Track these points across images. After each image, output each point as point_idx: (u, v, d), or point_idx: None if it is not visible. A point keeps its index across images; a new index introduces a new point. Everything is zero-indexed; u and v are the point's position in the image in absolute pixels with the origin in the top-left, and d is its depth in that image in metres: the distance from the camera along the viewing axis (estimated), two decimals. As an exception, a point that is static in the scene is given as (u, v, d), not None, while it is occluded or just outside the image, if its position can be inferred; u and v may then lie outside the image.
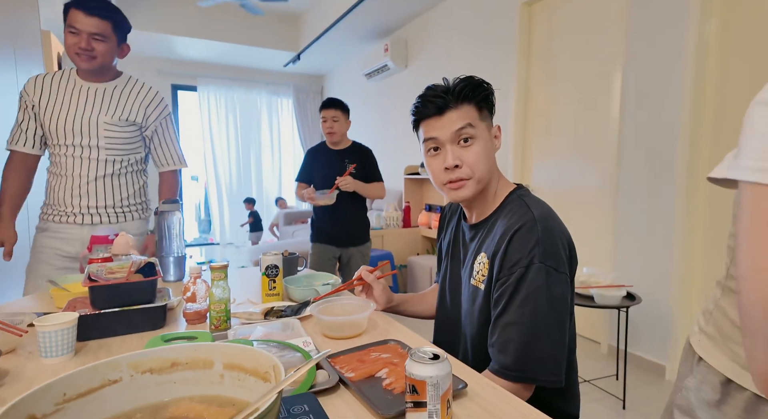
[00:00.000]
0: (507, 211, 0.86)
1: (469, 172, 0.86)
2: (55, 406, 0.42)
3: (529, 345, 0.76)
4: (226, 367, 0.50)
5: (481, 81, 0.87)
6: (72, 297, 0.99)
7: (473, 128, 0.85)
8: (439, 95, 0.86)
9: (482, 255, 0.87)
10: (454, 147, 0.86)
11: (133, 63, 4.91)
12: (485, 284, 0.84)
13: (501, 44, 2.96)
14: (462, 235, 0.99)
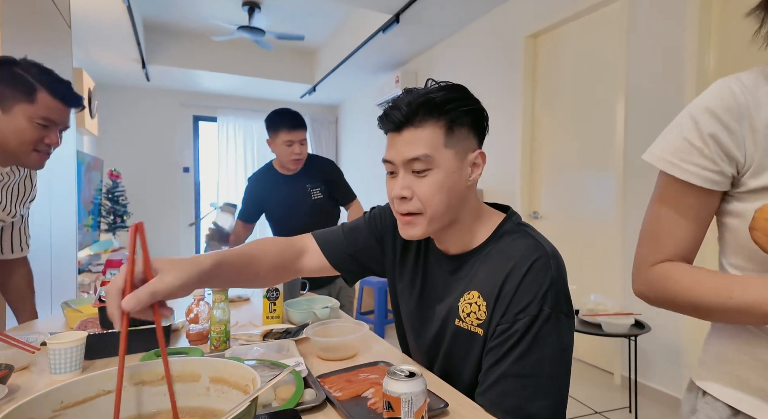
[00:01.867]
0: (506, 243, 0.73)
1: (420, 207, 0.71)
2: (53, 412, 0.46)
3: (531, 401, 0.66)
4: (212, 381, 0.54)
5: (457, 94, 0.71)
6: (83, 318, 1.05)
7: (431, 158, 0.69)
8: (400, 108, 0.70)
9: (473, 294, 0.73)
10: (407, 175, 0.71)
11: (158, 96, 5.19)
12: (484, 328, 0.71)
13: (507, 74, 3.05)
14: (436, 263, 0.83)
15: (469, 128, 0.73)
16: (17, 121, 0.97)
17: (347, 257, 0.89)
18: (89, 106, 3.76)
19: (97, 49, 3.84)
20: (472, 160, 0.73)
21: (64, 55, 2.12)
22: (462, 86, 0.74)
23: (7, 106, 0.96)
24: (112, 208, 4.25)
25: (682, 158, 0.55)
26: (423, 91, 0.71)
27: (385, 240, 0.90)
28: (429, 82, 0.74)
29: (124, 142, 5.04)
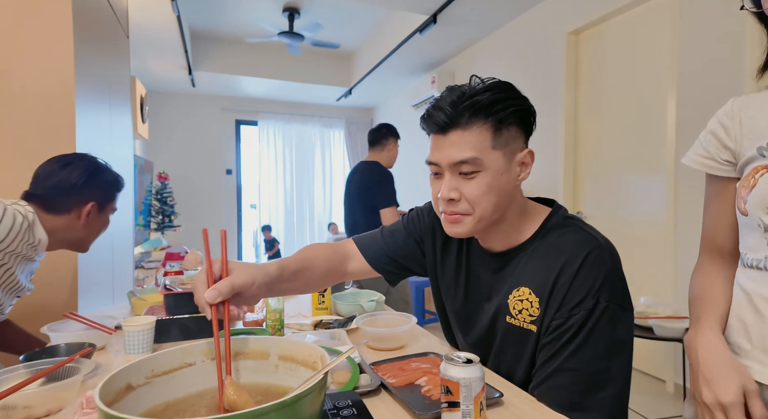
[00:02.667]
0: (554, 237, 0.72)
1: (468, 208, 0.71)
2: (146, 379, 0.51)
3: (587, 395, 0.65)
4: (281, 358, 0.57)
5: (504, 94, 0.69)
6: (149, 305, 1.13)
7: (479, 160, 0.68)
8: (444, 109, 0.69)
9: (523, 290, 0.72)
10: (454, 176, 0.70)
11: (202, 101, 5.44)
12: (537, 324, 0.70)
13: (548, 72, 2.98)
14: (479, 261, 0.82)
15: (517, 127, 0.71)
16: (105, 218, 1.11)
17: (387, 259, 0.91)
18: (141, 111, 4.00)
19: (148, 58, 4.07)
20: (521, 159, 0.72)
21: (122, 65, 2.28)
22: (509, 84, 0.72)
23: (105, 208, 1.10)
24: (160, 209, 4.49)
25: (691, 151, 0.73)
26: (469, 92, 0.69)
27: (425, 241, 0.91)
28: (473, 79, 0.72)
29: (171, 146, 5.31)
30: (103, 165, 1.10)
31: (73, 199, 1.02)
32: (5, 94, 1.38)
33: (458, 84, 0.72)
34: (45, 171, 1.02)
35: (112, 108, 2.04)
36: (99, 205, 1.06)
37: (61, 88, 1.44)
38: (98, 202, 1.06)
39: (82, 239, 1.08)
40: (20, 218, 0.94)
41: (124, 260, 2.24)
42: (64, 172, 1.01)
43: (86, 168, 1.04)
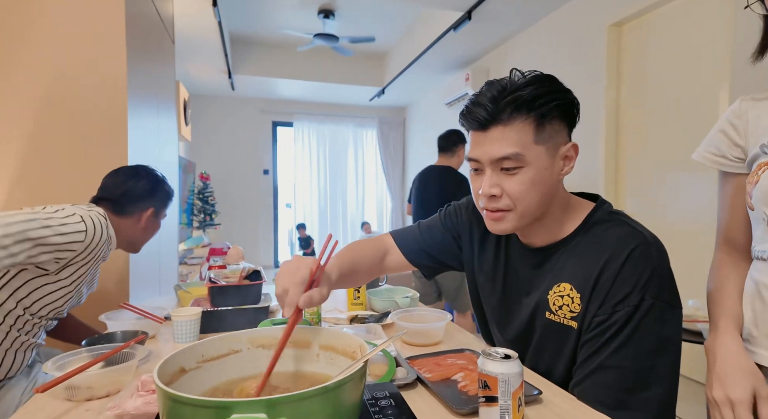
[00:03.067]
0: (597, 233, 0.71)
1: (510, 204, 0.70)
2: (197, 363, 0.54)
3: (632, 394, 0.63)
4: (322, 348, 0.59)
5: (547, 88, 0.67)
6: (195, 297, 1.18)
7: (522, 156, 0.66)
8: (484, 105, 0.67)
9: (564, 286, 0.71)
10: (495, 172, 0.69)
11: (241, 104, 5.63)
12: (578, 320, 0.69)
13: (587, 67, 2.88)
14: (518, 257, 0.81)
15: (560, 121, 0.69)
16: (158, 223, 1.25)
17: (424, 254, 0.92)
18: (185, 114, 4.19)
19: (191, 63, 4.26)
20: (564, 152, 0.70)
21: (168, 70, 2.39)
22: (551, 77, 0.70)
23: (160, 214, 1.24)
24: (202, 207, 4.69)
25: (702, 148, 0.78)
26: (510, 87, 0.67)
27: (462, 236, 0.91)
28: (513, 73, 0.70)
29: (212, 147, 5.53)
30: (161, 177, 1.24)
31: (137, 205, 1.16)
32: (65, 97, 1.49)
33: (497, 78, 0.70)
34: (114, 180, 1.16)
35: (159, 111, 2.15)
36: (156, 211, 1.20)
37: (114, 93, 1.54)
38: (156, 208, 1.20)
39: (138, 240, 1.21)
40: (103, 221, 1.04)
41: (170, 256, 2.36)
42: (131, 182, 1.16)
43: (150, 180, 1.19)
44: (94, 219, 1.01)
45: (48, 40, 1.47)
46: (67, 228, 0.95)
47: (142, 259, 1.73)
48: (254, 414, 0.37)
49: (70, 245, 0.96)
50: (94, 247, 1.02)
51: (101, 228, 1.02)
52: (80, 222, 0.98)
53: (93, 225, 1.00)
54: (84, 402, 0.70)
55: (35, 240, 0.90)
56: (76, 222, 0.97)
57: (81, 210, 1.01)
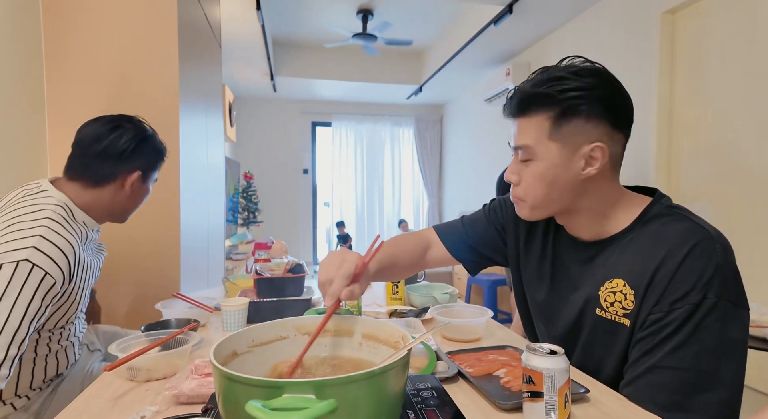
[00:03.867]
0: (655, 228, 0.68)
1: (522, 194, 0.73)
2: (248, 347, 0.57)
3: (691, 396, 0.60)
4: (364, 337, 0.60)
5: (581, 83, 0.65)
6: (241, 289, 1.24)
7: (531, 149, 0.69)
8: (515, 96, 0.71)
9: (616, 282, 0.69)
10: (517, 160, 0.73)
11: (282, 105, 5.79)
12: (630, 317, 0.66)
13: (637, 58, 2.74)
14: (567, 251, 0.80)
15: (588, 118, 0.66)
16: (147, 188, 1.02)
17: (467, 248, 0.92)
18: (229, 116, 4.37)
19: (235, 66, 4.43)
20: (587, 153, 0.67)
21: (216, 73, 2.51)
22: (597, 70, 0.68)
23: (149, 177, 1.02)
24: (246, 206, 4.87)
25: None
26: (545, 79, 0.67)
27: (507, 230, 0.90)
28: (562, 61, 0.70)
29: (254, 147, 5.73)
30: (151, 132, 1.01)
31: (119, 166, 0.94)
32: (123, 99, 1.59)
33: (546, 66, 0.70)
34: (92, 133, 0.94)
35: (208, 113, 2.26)
36: (144, 174, 0.99)
37: (167, 95, 1.63)
38: (144, 171, 0.98)
39: (123, 210, 1.01)
40: (57, 239, 0.83)
41: (217, 251, 2.47)
42: (112, 135, 0.93)
43: (136, 133, 0.96)
44: (45, 250, 0.79)
45: (109, 46, 1.58)
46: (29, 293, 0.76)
47: (192, 253, 1.83)
48: (304, 395, 0.39)
49: (48, 299, 0.80)
50: (72, 272, 0.85)
51: (61, 258, 0.81)
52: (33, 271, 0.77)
53: (45, 262, 0.79)
54: (144, 383, 0.75)
55: (18, 335, 0.76)
56: (26, 274, 0.76)
57: (25, 249, 0.77)
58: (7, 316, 0.74)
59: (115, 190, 0.96)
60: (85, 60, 1.57)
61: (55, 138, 1.57)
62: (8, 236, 0.80)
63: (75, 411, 0.64)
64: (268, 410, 0.36)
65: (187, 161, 1.77)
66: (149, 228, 1.61)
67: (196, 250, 1.92)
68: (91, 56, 1.57)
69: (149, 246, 1.61)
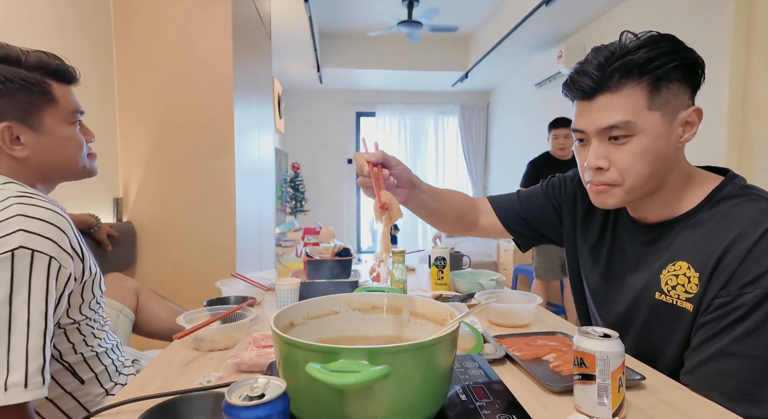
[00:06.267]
0: (726, 208, 0.64)
1: (617, 178, 0.66)
2: (303, 319, 0.60)
3: (760, 387, 0.57)
4: (412, 314, 0.62)
5: (662, 49, 0.61)
6: (293, 270, 1.30)
7: (632, 124, 0.62)
8: (590, 73, 0.64)
9: (680, 265, 0.66)
10: (602, 143, 0.66)
11: (327, 96, 5.90)
12: (693, 302, 0.63)
13: (706, 34, 2.52)
14: (627, 232, 0.77)
15: (680, 82, 0.63)
16: (57, 133, 0.76)
17: (520, 221, 0.91)
18: (278, 107, 4.51)
19: (284, 59, 4.55)
20: (685, 118, 0.64)
21: (266, 66, 2.60)
22: (669, 36, 0.63)
23: (35, 122, 0.73)
24: (293, 195, 5.04)
25: None
26: (619, 51, 0.62)
27: (564, 208, 0.88)
28: (625, 35, 0.65)
29: (301, 138, 5.88)
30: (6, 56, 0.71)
31: None
32: (180, 90, 1.70)
33: (605, 43, 0.66)
34: None
35: (259, 105, 2.35)
36: (21, 121, 0.72)
37: (222, 87, 1.72)
38: (15, 118, 0.71)
39: (49, 169, 0.77)
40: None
41: (268, 237, 2.59)
42: None
43: None
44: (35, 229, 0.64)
45: (170, 44, 1.68)
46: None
47: (247, 238, 1.93)
48: (358, 360, 0.41)
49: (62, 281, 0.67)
50: (80, 247, 0.73)
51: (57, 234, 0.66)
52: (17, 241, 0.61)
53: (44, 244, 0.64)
54: (207, 352, 0.82)
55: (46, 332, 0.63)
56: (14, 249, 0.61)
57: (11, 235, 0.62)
58: (27, 317, 0.61)
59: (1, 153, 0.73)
60: (149, 56, 1.68)
61: (125, 127, 1.70)
62: None
63: (148, 375, 0.71)
64: (327, 371, 0.38)
65: (241, 152, 1.86)
66: (209, 214, 1.72)
67: (250, 235, 2.03)
68: (154, 53, 1.68)
69: (209, 231, 1.72)
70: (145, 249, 1.71)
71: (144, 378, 0.69)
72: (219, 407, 0.53)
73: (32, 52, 0.74)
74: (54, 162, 0.77)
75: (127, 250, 1.64)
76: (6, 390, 0.57)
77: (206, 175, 1.71)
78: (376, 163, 0.73)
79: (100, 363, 0.84)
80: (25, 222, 0.64)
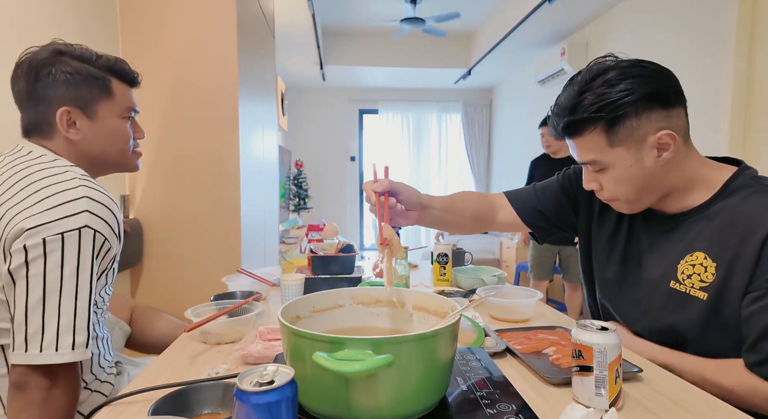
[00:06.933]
0: (739, 200, 0.67)
1: (610, 196, 0.75)
2: (309, 312, 0.62)
3: None
4: (415, 308, 0.64)
5: (622, 89, 0.65)
6: (297, 267, 1.32)
7: (599, 161, 0.71)
8: (554, 122, 0.75)
9: (697, 255, 0.69)
10: (589, 171, 0.76)
11: (330, 94, 5.90)
12: (708, 291, 0.67)
13: (709, 31, 2.51)
14: (644, 223, 0.79)
15: (641, 113, 0.66)
16: (109, 124, 0.82)
17: (537, 213, 0.93)
18: (281, 105, 4.52)
19: (287, 56, 4.56)
20: (654, 142, 0.68)
21: (270, 64, 2.61)
22: (627, 69, 0.67)
23: (91, 110, 0.80)
24: (297, 192, 5.06)
25: None
26: (574, 100, 0.69)
27: (581, 200, 0.91)
28: (587, 70, 0.71)
29: (304, 135, 5.90)
30: (65, 50, 0.79)
31: (41, 110, 0.78)
32: (185, 88, 1.71)
33: (570, 80, 0.73)
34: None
35: (263, 102, 2.37)
36: (80, 108, 0.79)
37: (227, 85, 1.74)
38: (76, 104, 0.78)
39: (94, 157, 0.82)
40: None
41: (272, 233, 2.61)
42: (20, 83, 0.78)
43: (30, 67, 0.77)
44: (98, 212, 0.70)
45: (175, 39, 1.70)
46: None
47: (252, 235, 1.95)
48: (362, 350, 0.43)
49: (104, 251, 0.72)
50: (120, 232, 0.76)
51: (111, 218, 0.72)
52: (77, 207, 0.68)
53: (102, 226, 0.70)
54: (215, 346, 0.84)
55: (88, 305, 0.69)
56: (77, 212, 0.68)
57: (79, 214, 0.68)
58: (89, 290, 0.69)
59: (60, 138, 0.79)
60: (155, 55, 1.70)
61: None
62: (45, 203, 0.68)
63: (158, 367, 0.73)
64: (333, 359, 0.40)
65: (246, 150, 1.88)
66: (214, 211, 1.74)
67: (255, 232, 2.05)
68: (159, 52, 1.70)
69: (214, 227, 1.74)
70: (152, 246, 1.73)
71: (154, 370, 0.71)
72: (228, 396, 0.55)
73: (105, 55, 0.85)
74: (101, 149, 0.83)
75: (134, 247, 1.66)
76: (73, 349, 0.67)
77: (211, 173, 1.73)
78: (383, 192, 0.76)
79: (95, 346, 0.83)
80: (90, 204, 0.70)
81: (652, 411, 0.56)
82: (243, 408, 0.37)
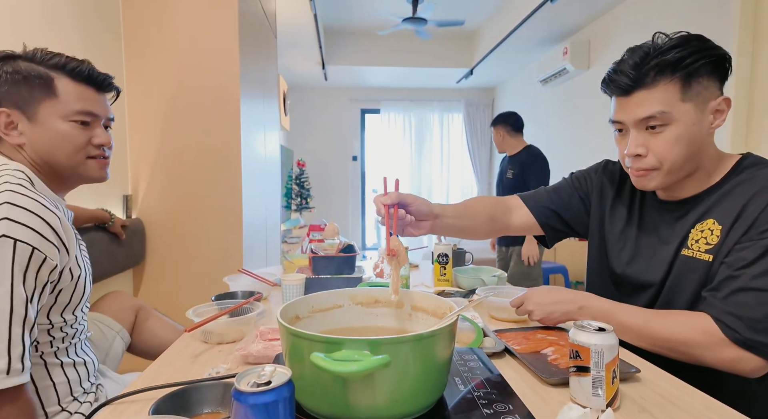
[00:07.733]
0: (748, 175, 0.72)
1: (655, 163, 0.73)
2: (308, 313, 0.62)
3: None
4: (414, 308, 0.64)
5: (693, 48, 0.68)
6: (298, 267, 1.32)
7: (668, 114, 0.69)
8: (627, 73, 0.71)
9: (707, 222, 0.73)
10: (640, 133, 0.73)
11: (332, 93, 5.91)
12: (713, 252, 0.70)
13: (712, 31, 2.51)
14: (655, 213, 0.82)
15: (709, 76, 0.70)
16: (51, 126, 0.76)
17: (551, 213, 0.95)
18: (284, 105, 4.53)
19: (289, 56, 4.57)
20: (715, 107, 0.72)
21: (272, 64, 2.62)
22: (698, 37, 0.71)
23: (30, 111, 0.75)
24: (299, 192, 5.07)
25: None
26: (653, 52, 0.70)
27: (592, 198, 0.93)
28: (657, 35, 0.72)
29: (306, 135, 5.91)
30: (12, 54, 0.75)
31: None
32: (188, 88, 1.72)
33: (639, 44, 0.73)
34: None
35: (265, 101, 2.37)
36: (19, 109, 0.74)
37: (229, 85, 1.74)
38: (16, 106, 0.74)
39: (45, 162, 0.77)
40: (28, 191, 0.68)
41: (274, 234, 2.62)
42: None
43: None
44: (20, 219, 0.64)
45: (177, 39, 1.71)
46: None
47: (253, 235, 1.96)
48: (360, 350, 0.43)
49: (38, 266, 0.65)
50: (62, 239, 0.70)
51: (40, 225, 0.66)
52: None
53: (27, 234, 0.63)
54: (216, 345, 0.84)
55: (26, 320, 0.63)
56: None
57: None
58: (10, 305, 0.61)
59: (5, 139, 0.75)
60: (157, 55, 1.71)
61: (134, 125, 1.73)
62: None
63: (160, 366, 0.73)
64: (331, 359, 0.40)
65: (247, 149, 1.88)
66: (216, 211, 1.75)
67: (256, 232, 2.06)
68: (162, 52, 1.71)
69: (216, 227, 1.75)
70: (154, 246, 1.74)
71: (156, 369, 0.72)
72: (228, 396, 0.56)
73: (62, 55, 0.78)
74: (47, 153, 0.76)
75: (136, 247, 1.67)
76: (8, 374, 0.60)
77: (213, 173, 1.74)
78: (392, 204, 0.77)
79: (62, 374, 0.78)
80: (10, 211, 0.63)
81: (648, 411, 0.56)
82: (240, 409, 0.38)
